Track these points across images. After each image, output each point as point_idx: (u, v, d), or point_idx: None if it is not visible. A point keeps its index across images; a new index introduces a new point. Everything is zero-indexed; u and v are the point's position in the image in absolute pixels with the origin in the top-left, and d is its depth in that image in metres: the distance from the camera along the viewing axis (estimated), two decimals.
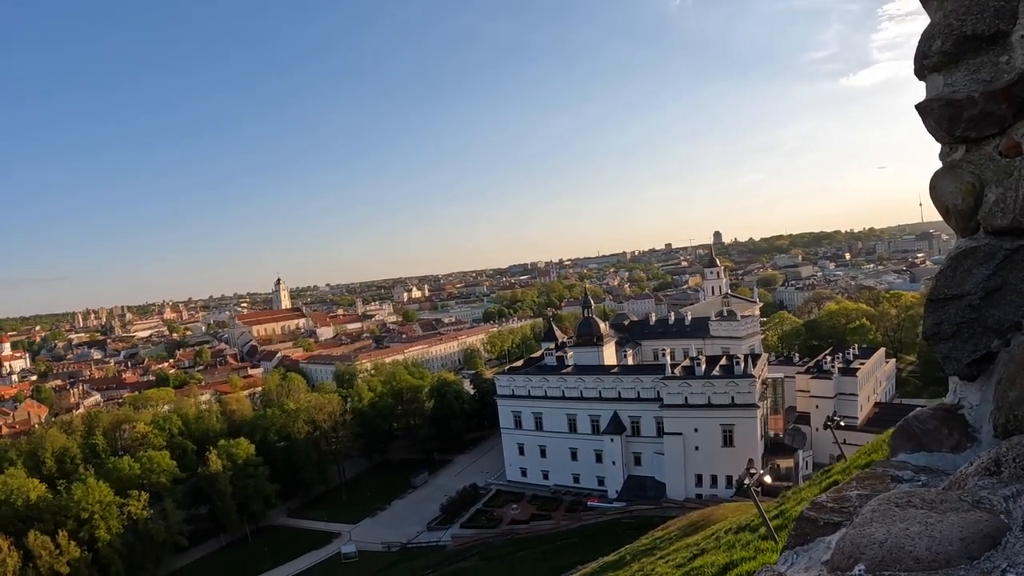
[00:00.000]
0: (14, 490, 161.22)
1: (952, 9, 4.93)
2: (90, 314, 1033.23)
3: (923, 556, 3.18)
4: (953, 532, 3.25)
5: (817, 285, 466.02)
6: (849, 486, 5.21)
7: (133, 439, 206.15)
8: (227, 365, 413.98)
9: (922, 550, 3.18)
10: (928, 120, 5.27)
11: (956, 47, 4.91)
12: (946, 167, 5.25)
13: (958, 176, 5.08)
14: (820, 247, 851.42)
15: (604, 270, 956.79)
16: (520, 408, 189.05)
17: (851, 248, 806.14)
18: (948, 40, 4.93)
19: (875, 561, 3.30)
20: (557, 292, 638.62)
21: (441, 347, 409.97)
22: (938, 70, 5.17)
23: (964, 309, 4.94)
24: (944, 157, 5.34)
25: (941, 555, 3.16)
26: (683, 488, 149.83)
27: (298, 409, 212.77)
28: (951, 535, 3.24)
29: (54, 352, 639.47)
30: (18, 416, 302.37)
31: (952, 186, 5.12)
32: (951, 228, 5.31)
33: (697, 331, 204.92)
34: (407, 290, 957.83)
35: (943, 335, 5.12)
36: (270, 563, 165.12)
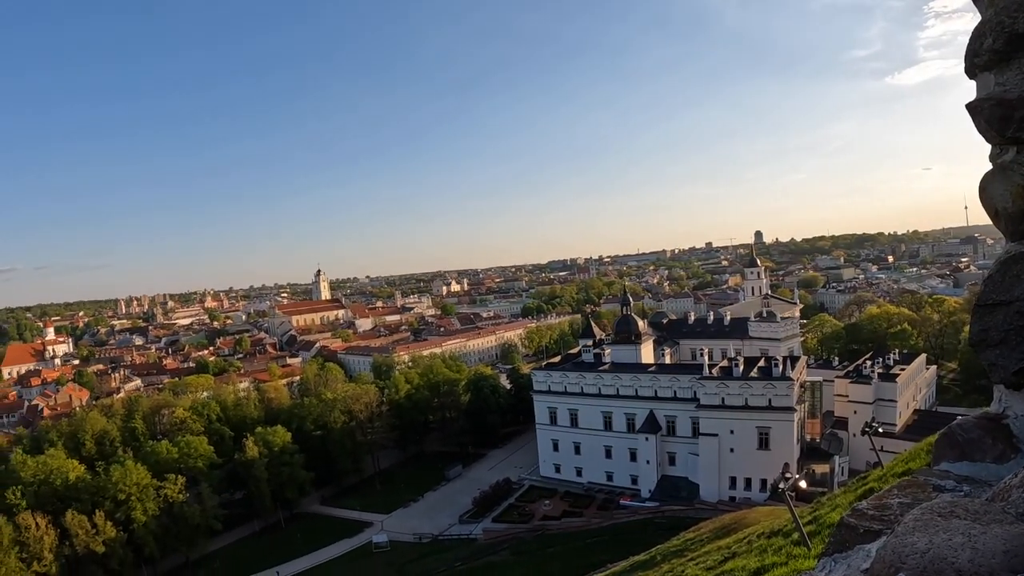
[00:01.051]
0: (54, 470, 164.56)
1: (1004, 6, 4.78)
2: (133, 301, 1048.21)
3: (965, 568, 3.15)
4: (996, 544, 3.22)
5: (859, 288, 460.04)
6: (890, 494, 5.09)
7: (172, 424, 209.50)
8: (266, 354, 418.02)
9: (964, 562, 3.16)
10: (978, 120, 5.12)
11: (1008, 45, 4.76)
12: (996, 169, 5.09)
13: (1009, 178, 4.92)
14: (862, 249, 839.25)
15: (644, 268, 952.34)
16: (556, 404, 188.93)
17: (894, 251, 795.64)
18: (1000, 38, 4.78)
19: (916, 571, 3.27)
20: (596, 289, 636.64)
21: (479, 341, 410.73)
22: (989, 69, 5.02)
23: (1012, 316, 4.80)
24: (994, 159, 5.18)
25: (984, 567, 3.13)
26: (716, 490, 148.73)
27: (335, 399, 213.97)
28: (994, 547, 3.21)
29: (96, 337, 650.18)
30: (60, 399, 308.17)
31: (1002, 189, 4.97)
32: (1000, 232, 5.15)
33: (736, 331, 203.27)
34: (446, 284, 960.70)
35: (990, 342, 4.98)
36: (302, 549, 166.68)
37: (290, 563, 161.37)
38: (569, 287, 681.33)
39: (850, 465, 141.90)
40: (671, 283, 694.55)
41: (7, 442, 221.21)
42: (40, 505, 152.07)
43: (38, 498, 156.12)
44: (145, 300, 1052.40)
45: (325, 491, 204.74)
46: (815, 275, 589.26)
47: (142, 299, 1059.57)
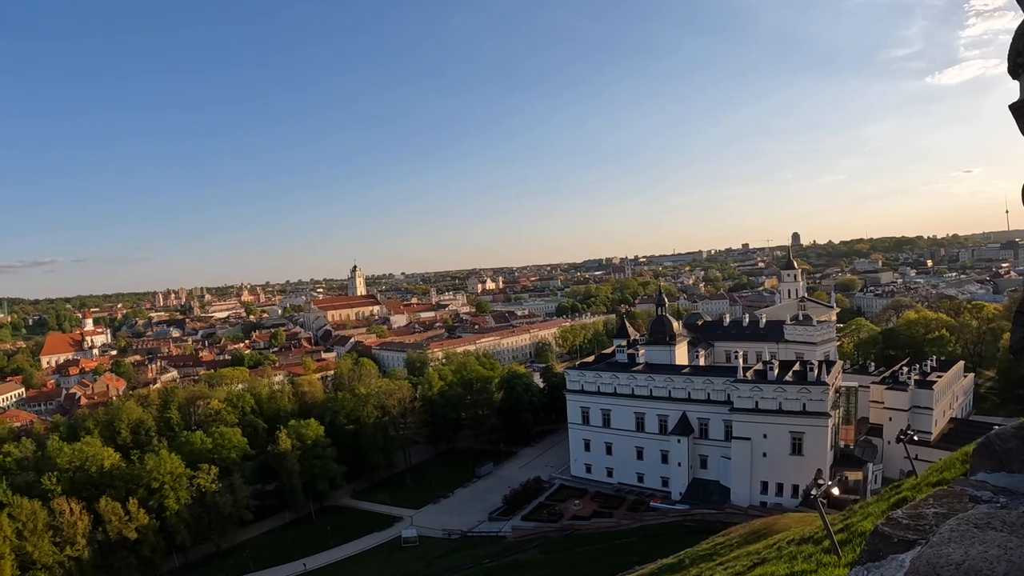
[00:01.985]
0: (89, 457, 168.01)
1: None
2: (170, 294, 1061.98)
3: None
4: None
5: (896, 292, 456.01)
6: (926, 503, 4.93)
7: (206, 415, 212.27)
8: (301, 348, 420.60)
9: (1000, 575, 3.16)
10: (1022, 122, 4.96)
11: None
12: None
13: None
14: (901, 252, 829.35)
15: (679, 268, 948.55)
16: (589, 404, 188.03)
17: (933, 255, 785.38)
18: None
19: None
20: (631, 289, 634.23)
21: (513, 339, 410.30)
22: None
23: None
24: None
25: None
26: (748, 494, 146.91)
27: (368, 394, 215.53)
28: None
29: (134, 329, 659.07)
30: (97, 388, 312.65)
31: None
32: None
33: (771, 334, 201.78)
34: (481, 281, 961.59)
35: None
36: (332, 542, 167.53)
37: (319, 555, 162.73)
38: (604, 287, 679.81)
39: (883, 473, 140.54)
40: (707, 284, 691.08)
41: (44, 429, 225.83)
42: (75, 491, 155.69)
43: (73, 484, 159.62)
44: (183, 293, 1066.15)
45: (356, 485, 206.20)
46: (852, 278, 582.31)
47: (180, 292, 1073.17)
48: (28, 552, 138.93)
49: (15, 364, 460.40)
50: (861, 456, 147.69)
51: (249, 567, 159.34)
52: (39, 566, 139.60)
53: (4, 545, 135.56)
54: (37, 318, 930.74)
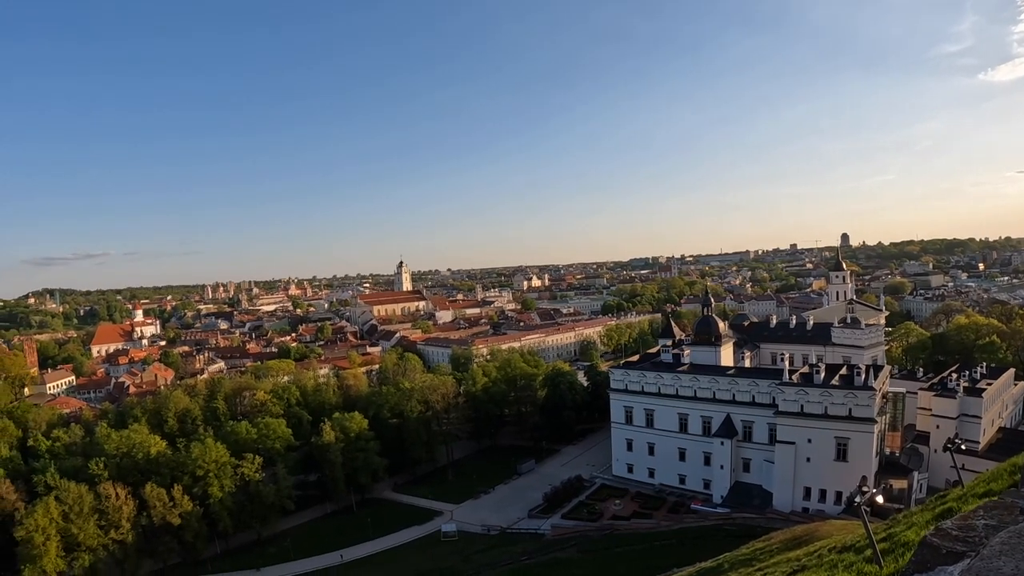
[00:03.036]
0: (136, 444, 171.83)
1: None
2: (219, 287, 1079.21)
3: None
4: None
5: (947, 296, 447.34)
6: (976, 515, 4.69)
7: (252, 406, 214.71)
8: (347, 342, 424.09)
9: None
10: None
11: None
12: None
13: None
14: (952, 255, 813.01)
15: (726, 268, 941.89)
16: (632, 403, 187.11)
17: (985, 258, 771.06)
18: None
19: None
20: (677, 288, 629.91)
21: (558, 337, 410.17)
22: None
23: None
24: None
25: None
26: (790, 500, 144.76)
27: (412, 388, 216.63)
28: None
29: (183, 320, 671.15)
30: (146, 377, 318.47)
31: None
32: None
33: (818, 337, 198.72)
34: (527, 278, 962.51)
35: None
36: (371, 534, 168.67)
37: (358, 546, 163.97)
38: (650, 286, 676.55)
39: (929, 482, 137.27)
40: (754, 285, 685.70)
41: (93, 416, 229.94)
42: (121, 476, 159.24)
43: (120, 470, 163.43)
44: (231, 286, 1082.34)
45: (398, 478, 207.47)
46: (902, 281, 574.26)
47: (228, 285, 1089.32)
48: (74, 534, 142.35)
49: (66, 353, 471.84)
50: (907, 464, 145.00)
51: (289, 555, 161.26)
52: (84, 548, 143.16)
53: (51, 527, 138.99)
54: (88, 309, 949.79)
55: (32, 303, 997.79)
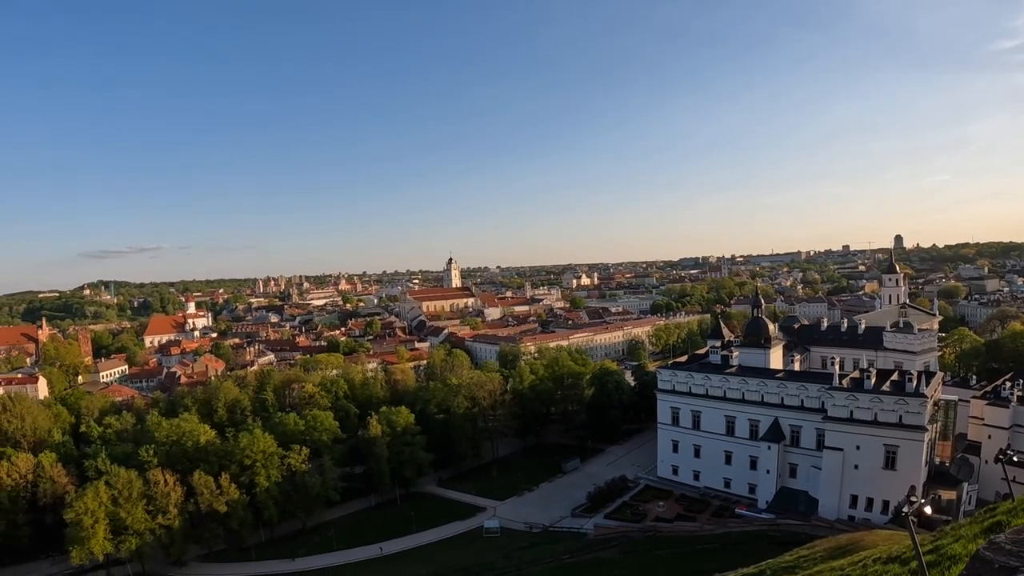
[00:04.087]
0: (186, 433, 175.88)
1: None
2: (270, 281, 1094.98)
3: None
4: None
5: (1003, 301, 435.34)
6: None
7: (301, 398, 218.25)
8: (395, 337, 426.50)
9: None
10: None
11: None
12: None
13: None
14: (1008, 259, 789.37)
15: (777, 269, 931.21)
16: (679, 405, 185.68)
17: None
18: None
19: None
20: (727, 289, 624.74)
21: (606, 336, 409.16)
22: None
23: None
24: None
25: None
26: (836, 507, 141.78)
27: (460, 385, 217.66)
28: None
29: (234, 313, 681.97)
30: (197, 368, 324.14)
31: None
32: None
33: (870, 341, 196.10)
34: (576, 277, 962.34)
35: None
36: (414, 527, 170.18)
37: (399, 539, 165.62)
38: (700, 286, 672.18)
39: (978, 494, 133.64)
40: (805, 286, 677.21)
41: (145, 404, 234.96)
42: (170, 464, 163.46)
43: (169, 457, 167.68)
44: (282, 280, 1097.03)
45: (443, 473, 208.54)
46: (957, 285, 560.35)
47: (279, 279, 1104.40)
48: (122, 518, 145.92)
49: (120, 343, 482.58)
50: (956, 474, 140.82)
51: (333, 546, 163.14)
52: (131, 532, 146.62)
53: (100, 510, 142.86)
54: (142, 300, 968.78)
55: (87, 294, 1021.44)
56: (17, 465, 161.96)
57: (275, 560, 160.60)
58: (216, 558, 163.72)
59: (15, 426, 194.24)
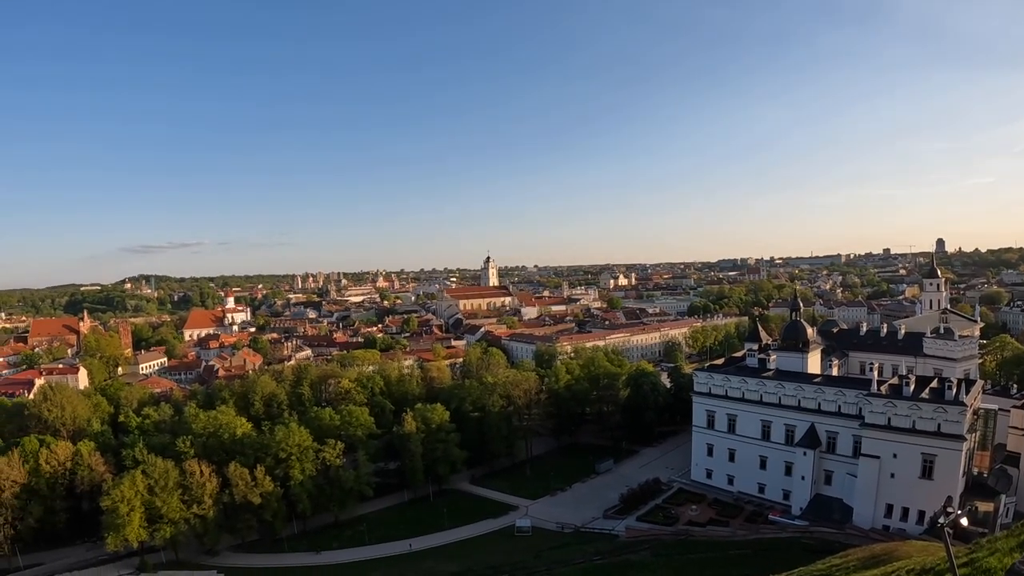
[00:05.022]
0: (223, 425, 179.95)
1: None
2: (308, 277, 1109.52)
3: None
4: None
5: None
6: None
7: (337, 393, 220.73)
8: (432, 335, 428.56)
9: None
10: None
11: None
12: None
13: None
14: None
15: (816, 271, 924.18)
16: (715, 408, 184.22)
17: None
18: None
19: None
20: (765, 291, 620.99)
21: (642, 337, 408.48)
22: None
23: None
24: None
25: None
26: (871, 516, 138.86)
27: (495, 383, 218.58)
28: None
29: (273, 308, 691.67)
30: (235, 361, 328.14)
31: None
32: None
33: (909, 347, 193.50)
34: (614, 277, 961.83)
35: None
36: (446, 524, 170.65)
37: (430, 536, 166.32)
38: (738, 288, 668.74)
39: (1016, 507, 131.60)
40: (844, 290, 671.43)
41: (183, 396, 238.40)
42: (206, 455, 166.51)
43: (205, 448, 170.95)
44: (320, 277, 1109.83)
45: (476, 471, 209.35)
46: (999, 291, 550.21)
47: (317, 276, 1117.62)
48: (157, 507, 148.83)
49: (160, 336, 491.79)
50: (994, 486, 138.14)
51: (364, 540, 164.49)
52: (166, 520, 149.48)
53: (136, 499, 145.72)
54: (182, 295, 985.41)
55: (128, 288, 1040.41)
56: (56, 453, 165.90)
57: (306, 553, 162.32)
58: (249, 548, 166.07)
59: (55, 415, 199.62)
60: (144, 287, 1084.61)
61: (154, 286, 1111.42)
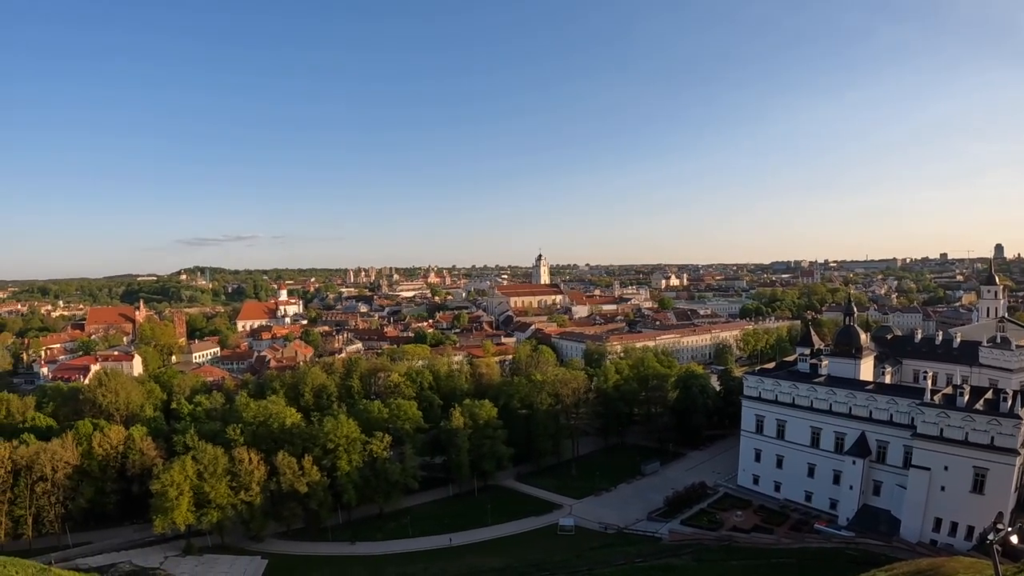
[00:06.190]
0: (273, 414, 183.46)
1: None
2: (361, 272, 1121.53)
3: None
4: None
5: None
6: None
7: (386, 386, 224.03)
8: (482, 331, 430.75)
9: None
10: None
11: None
12: None
13: None
14: None
15: (871, 275, 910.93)
16: (764, 412, 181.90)
17: None
18: None
19: None
20: (819, 295, 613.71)
21: (693, 338, 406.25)
22: None
23: None
24: None
25: None
26: (919, 529, 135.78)
27: (544, 381, 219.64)
28: None
29: (325, 302, 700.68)
30: (286, 353, 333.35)
31: None
32: None
33: (965, 356, 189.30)
34: (665, 277, 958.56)
35: None
36: (489, 520, 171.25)
37: (472, 531, 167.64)
38: (791, 290, 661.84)
39: None
40: (899, 295, 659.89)
41: (234, 385, 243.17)
42: (255, 443, 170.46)
43: (255, 437, 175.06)
44: (372, 271, 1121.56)
45: (521, 468, 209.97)
46: None
47: (370, 270, 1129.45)
48: (205, 492, 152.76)
49: (213, 326, 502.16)
50: None
51: (407, 532, 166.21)
52: (213, 505, 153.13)
53: (185, 483, 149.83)
54: (236, 287, 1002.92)
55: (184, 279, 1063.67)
56: (109, 436, 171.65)
57: (328, 542, 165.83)
58: (293, 536, 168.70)
59: (109, 400, 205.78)
60: (199, 278, 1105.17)
61: (209, 277, 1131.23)
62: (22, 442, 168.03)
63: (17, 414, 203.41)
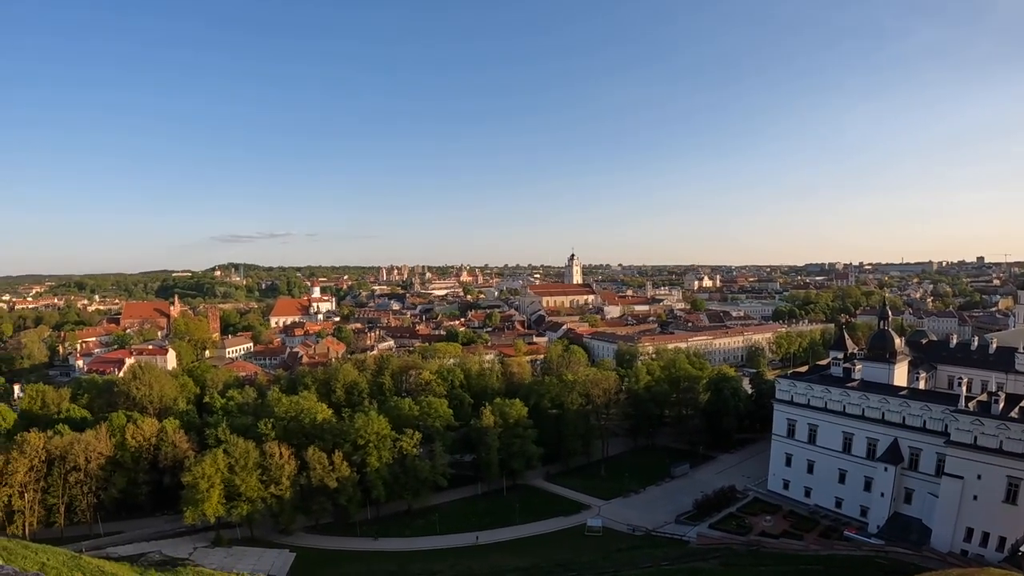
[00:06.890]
0: (304, 410, 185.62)
1: None
2: (393, 270, 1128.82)
3: None
4: None
5: None
6: None
7: (417, 384, 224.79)
8: (514, 330, 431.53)
9: None
10: None
11: None
12: None
13: None
14: None
15: (907, 279, 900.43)
16: (796, 416, 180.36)
17: None
18: None
19: None
20: (853, 298, 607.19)
21: (725, 340, 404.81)
22: None
23: None
24: None
25: None
26: (949, 539, 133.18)
27: (575, 381, 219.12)
28: None
29: (357, 299, 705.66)
30: (318, 349, 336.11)
31: None
32: None
33: (1001, 362, 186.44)
34: (698, 278, 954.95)
35: None
36: (516, 519, 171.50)
37: (502, 529, 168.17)
38: (825, 293, 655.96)
39: None
40: (935, 299, 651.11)
41: (267, 381, 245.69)
42: (286, 438, 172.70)
43: (286, 432, 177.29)
44: (405, 269, 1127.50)
45: (551, 467, 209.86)
46: None
47: (402, 268, 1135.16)
48: (236, 485, 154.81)
49: (247, 322, 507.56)
50: None
51: (435, 529, 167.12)
52: (244, 498, 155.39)
53: (216, 476, 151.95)
54: (269, 283, 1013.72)
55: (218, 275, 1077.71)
56: (142, 429, 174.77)
57: (353, 537, 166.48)
58: (322, 530, 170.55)
59: (143, 393, 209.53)
60: (233, 275, 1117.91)
61: (243, 274, 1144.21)
62: (56, 432, 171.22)
63: (52, 405, 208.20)
